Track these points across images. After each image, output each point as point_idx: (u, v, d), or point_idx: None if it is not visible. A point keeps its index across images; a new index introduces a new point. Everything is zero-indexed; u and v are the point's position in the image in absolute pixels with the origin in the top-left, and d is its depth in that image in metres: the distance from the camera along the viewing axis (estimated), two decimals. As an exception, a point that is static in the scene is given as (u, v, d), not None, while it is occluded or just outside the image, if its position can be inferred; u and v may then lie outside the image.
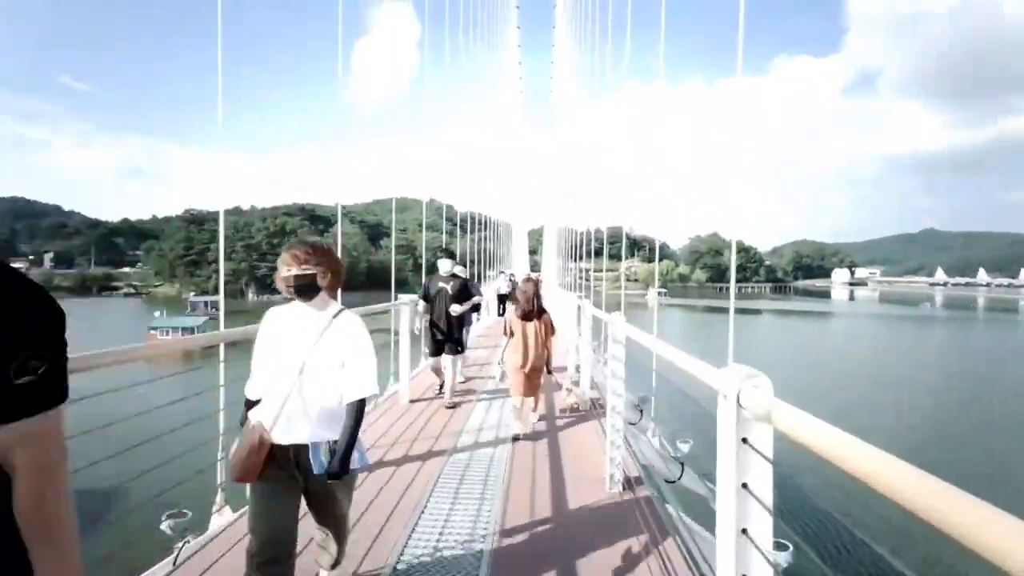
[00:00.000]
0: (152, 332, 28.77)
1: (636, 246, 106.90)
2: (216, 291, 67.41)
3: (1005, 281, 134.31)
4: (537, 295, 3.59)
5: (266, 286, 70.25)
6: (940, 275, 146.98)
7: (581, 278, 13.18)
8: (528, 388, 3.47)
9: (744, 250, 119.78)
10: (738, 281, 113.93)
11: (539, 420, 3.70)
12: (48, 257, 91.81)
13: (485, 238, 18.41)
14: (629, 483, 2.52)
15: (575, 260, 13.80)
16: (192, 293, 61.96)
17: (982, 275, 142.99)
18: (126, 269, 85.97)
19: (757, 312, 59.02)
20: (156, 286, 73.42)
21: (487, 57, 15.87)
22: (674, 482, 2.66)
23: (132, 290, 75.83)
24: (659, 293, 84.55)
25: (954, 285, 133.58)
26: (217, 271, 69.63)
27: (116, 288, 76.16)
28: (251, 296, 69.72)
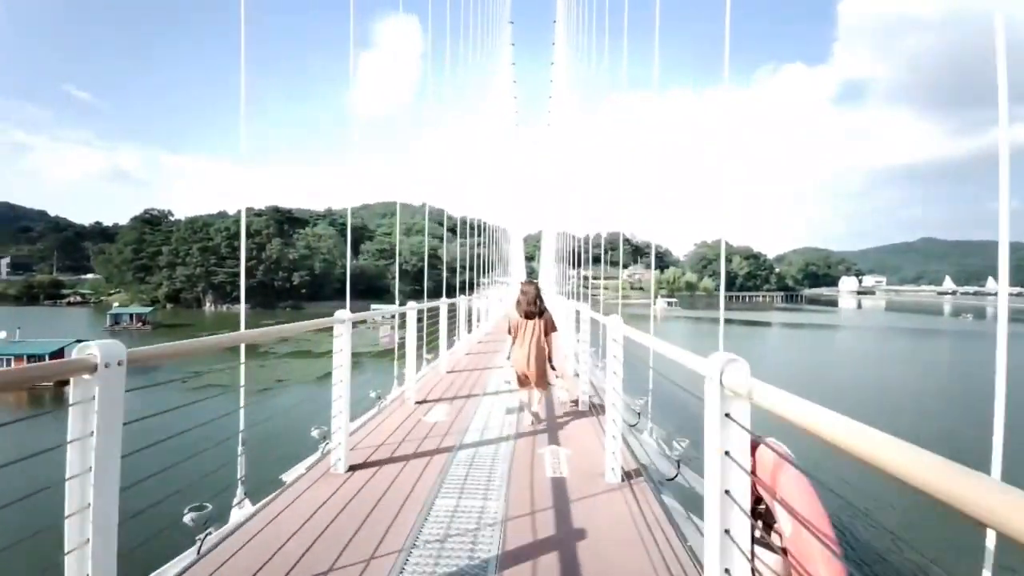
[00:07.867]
0: (-18, 361, 21.92)
1: (639, 253, 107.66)
2: (169, 300, 64.92)
3: (1015, 290, 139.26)
4: (538, 296, 4.21)
5: (226, 294, 65.76)
6: (948, 284, 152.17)
7: (581, 285, 13.44)
8: (531, 380, 4.08)
9: (753, 256, 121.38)
10: (748, 289, 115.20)
11: (538, 423, 4.06)
12: (5, 263, 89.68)
13: (480, 243, 18.59)
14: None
15: (575, 267, 14.05)
16: (116, 304, 57.60)
17: (991, 284, 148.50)
18: (88, 276, 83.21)
19: (767, 324, 54.43)
20: (110, 293, 70.20)
21: (482, 67, 16.30)
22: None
23: (80, 298, 73.24)
24: (668, 303, 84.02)
25: (963, 294, 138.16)
26: (169, 277, 67.13)
27: (63, 296, 73.36)
28: (208, 306, 66.34)
